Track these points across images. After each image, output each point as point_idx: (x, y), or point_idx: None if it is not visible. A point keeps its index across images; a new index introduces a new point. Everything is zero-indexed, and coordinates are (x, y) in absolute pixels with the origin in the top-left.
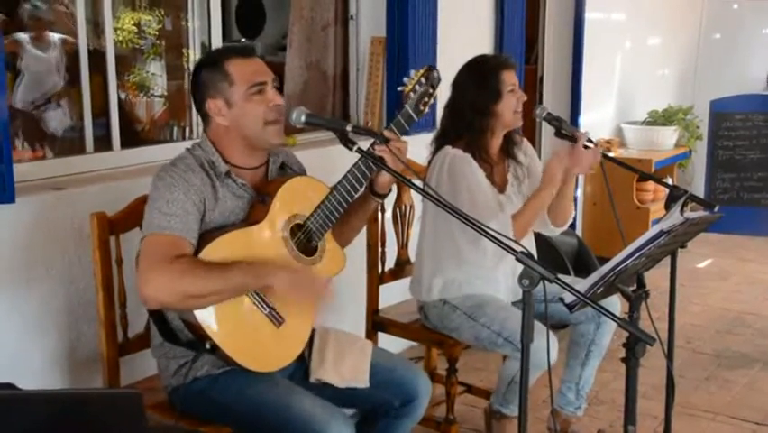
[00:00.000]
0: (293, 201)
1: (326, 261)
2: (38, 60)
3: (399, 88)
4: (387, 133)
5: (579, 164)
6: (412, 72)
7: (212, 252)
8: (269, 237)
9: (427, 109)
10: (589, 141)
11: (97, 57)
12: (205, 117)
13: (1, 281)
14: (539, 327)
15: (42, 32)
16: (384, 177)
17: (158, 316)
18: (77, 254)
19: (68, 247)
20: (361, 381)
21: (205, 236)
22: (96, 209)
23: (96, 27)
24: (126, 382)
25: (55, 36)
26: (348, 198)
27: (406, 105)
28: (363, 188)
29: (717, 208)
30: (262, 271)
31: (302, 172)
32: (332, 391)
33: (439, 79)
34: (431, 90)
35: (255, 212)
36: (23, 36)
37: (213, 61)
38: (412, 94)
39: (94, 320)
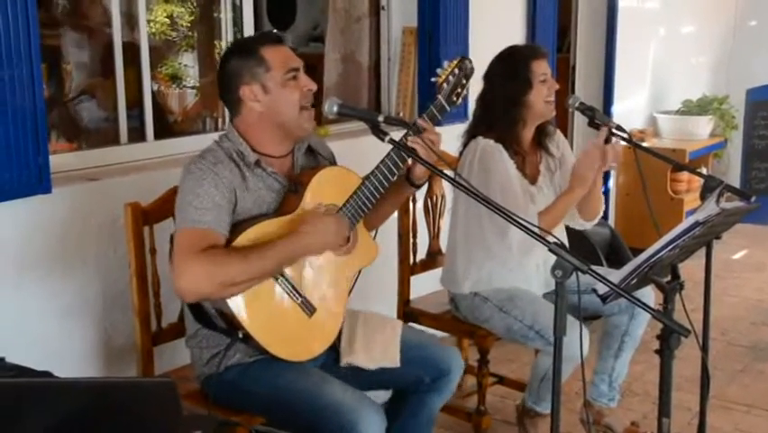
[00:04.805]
0: (326, 191)
1: (359, 251)
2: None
3: (433, 79)
4: (420, 122)
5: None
6: (445, 63)
7: (245, 241)
8: None
9: (460, 100)
10: (620, 129)
11: (131, 49)
12: (235, 106)
13: (37, 271)
14: (571, 320)
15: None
16: (421, 167)
17: (194, 304)
18: (111, 244)
19: (103, 237)
20: (392, 360)
21: (238, 226)
22: (130, 199)
23: (129, 19)
24: (159, 371)
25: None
26: (381, 189)
27: (439, 96)
28: (396, 179)
29: (753, 199)
30: (296, 237)
31: (329, 156)
32: (363, 373)
33: (472, 69)
34: (464, 81)
35: (288, 202)
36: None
37: (246, 48)
38: (445, 84)
39: (128, 310)
